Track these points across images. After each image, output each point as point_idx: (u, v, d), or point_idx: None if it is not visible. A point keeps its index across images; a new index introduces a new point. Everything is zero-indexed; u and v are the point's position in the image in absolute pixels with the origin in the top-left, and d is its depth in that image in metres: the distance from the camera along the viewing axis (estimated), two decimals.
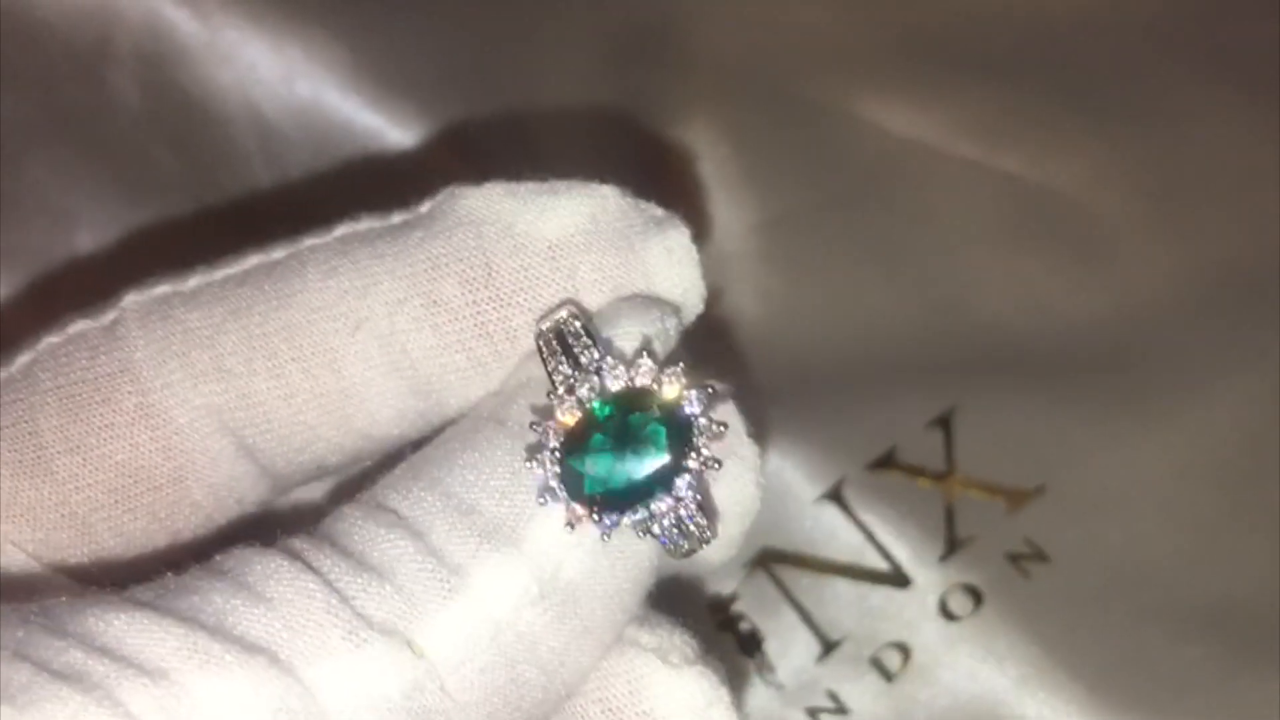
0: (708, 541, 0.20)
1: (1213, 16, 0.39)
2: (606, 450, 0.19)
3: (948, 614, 0.31)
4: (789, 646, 0.31)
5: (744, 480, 0.22)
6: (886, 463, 0.33)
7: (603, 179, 0.23)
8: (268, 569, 0.19)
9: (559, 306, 0.21)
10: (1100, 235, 0.37)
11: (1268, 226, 0.37)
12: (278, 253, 0.23)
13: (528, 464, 0.20)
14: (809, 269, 0.37)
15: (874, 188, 0.39)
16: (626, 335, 0.21)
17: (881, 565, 0.32)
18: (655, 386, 0.20)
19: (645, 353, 0.20)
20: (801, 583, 0.32)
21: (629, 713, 0.20)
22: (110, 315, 0.22)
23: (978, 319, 0.36)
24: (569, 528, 0.19)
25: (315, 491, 0.25)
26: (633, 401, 0.20)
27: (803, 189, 0.39)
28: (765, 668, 0.31)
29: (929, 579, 0.32)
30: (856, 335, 0.36)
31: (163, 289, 0.22)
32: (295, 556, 0.19)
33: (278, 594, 0.18)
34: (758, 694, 0.31)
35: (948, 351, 0.35)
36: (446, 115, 0.38)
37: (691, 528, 0.20)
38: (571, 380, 0.20)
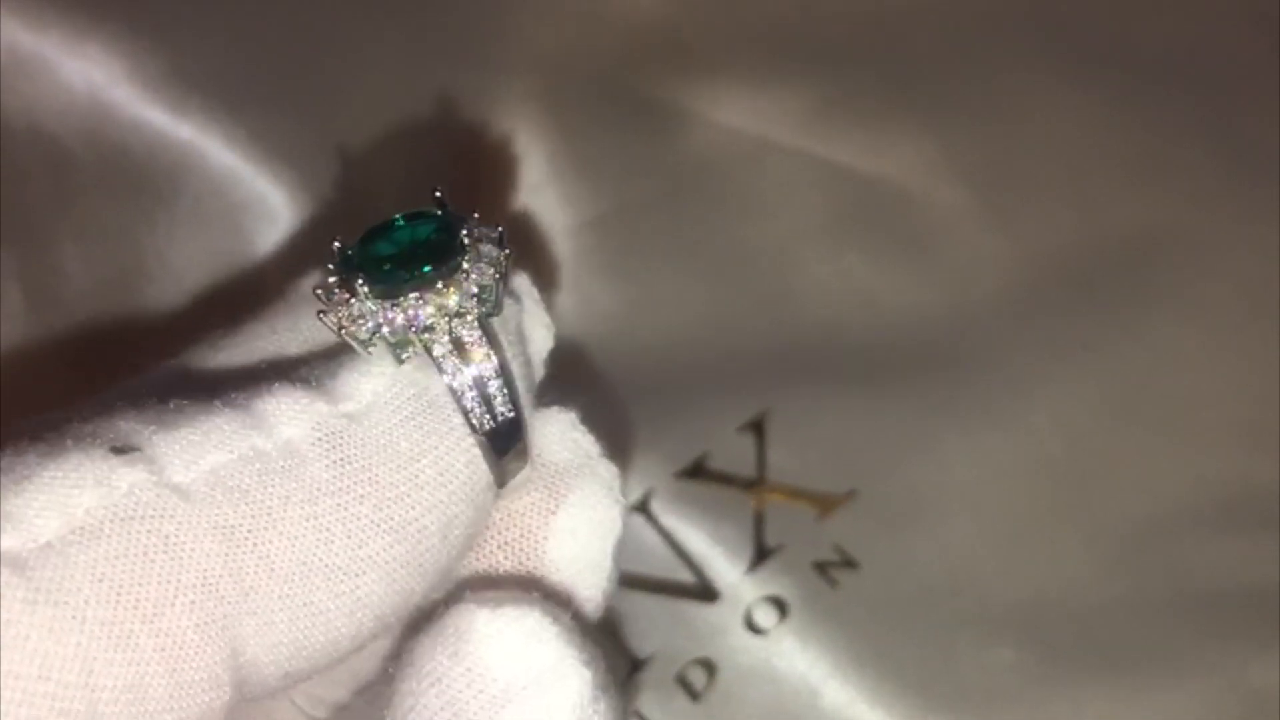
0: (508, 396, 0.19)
1: (1044, 5, 0.38)
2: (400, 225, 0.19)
3: (753, 627, 0.30)
4: None
5: (600, 499, 0.21)
6: (696, 472, 0.32)
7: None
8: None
9: None
10: (929, 228, 0.37)
11: (1097, 217, 0.36)
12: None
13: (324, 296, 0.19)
14: (631, 269, 0.36)
15: (701, 182, 0.38)
16: None
17: (689, 579, 0.31)
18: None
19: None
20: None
21: (454, 674, 0.18)
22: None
23: (801, 317, 0.35)
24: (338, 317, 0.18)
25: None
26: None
27: (628, 185, 0.38)
28: None
29: (735, 591, 0.31)
30: (677, 337, 0.35)
31: None
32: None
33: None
34: None
35: (768, 351, 0.35)
36: (253, 120, 0.37)
37: (476, 353, 0.19)
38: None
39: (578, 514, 0.20)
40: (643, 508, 0.32)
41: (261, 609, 0.17)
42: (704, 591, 0.31)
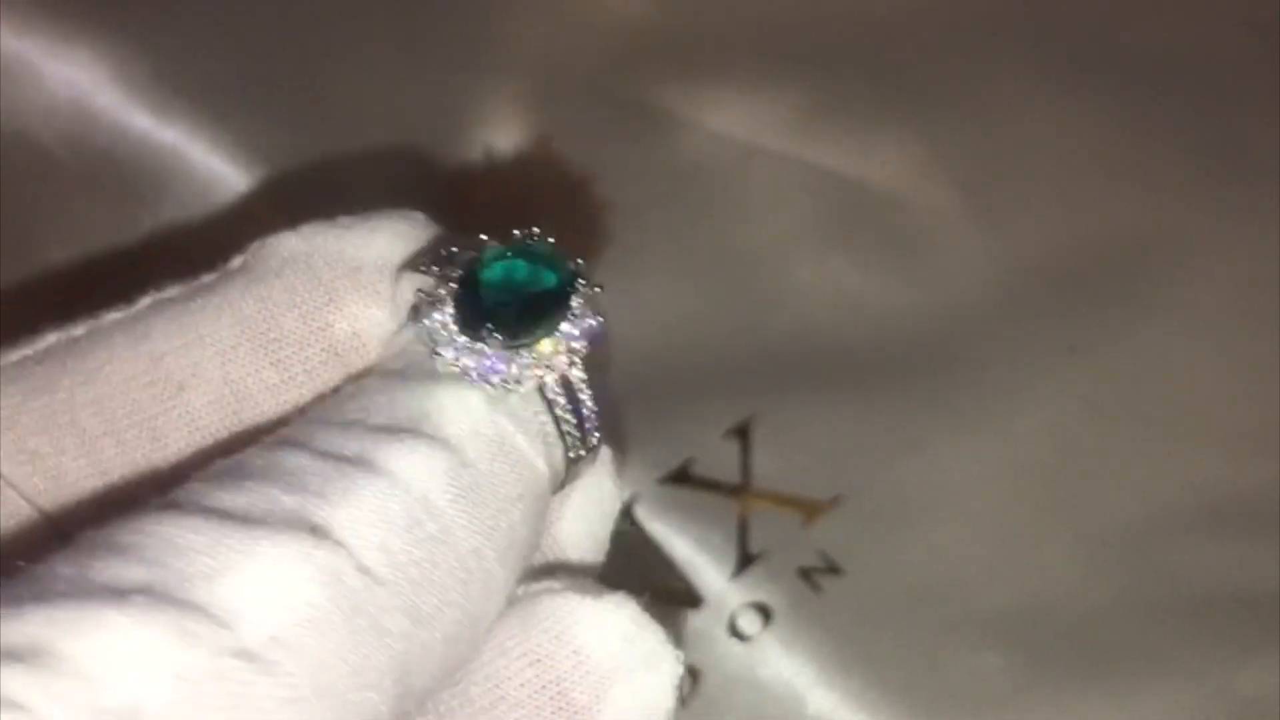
0: (593, 422, 0.20)
1: (1029, 7, 0.38)
2: (505, 260, 0.19)
3: (737, 634, 0.30)
4: None
5: (603, 479, 0.22)
6: (681, 477, 0.32)
7: (410, 205, 0.23)
8: (127, 524, 0.17)
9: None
10: (917, 231, 0.36)
11: (1085, 220, 0.36)
12: (78, 329, 0.22)
13: (416, 322, 0.19)
14: (618, 274, 0.36)
15: (689, 186, 0.38)
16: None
17: (674, 584, 0.31)
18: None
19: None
20: None
21: (559, 656, 0.19)
22: None
23: (788, 321, 0.35)
24: (466, 376, 0.19)
25: None
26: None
27: (617, 189, 0.38)
28: None
29: (719, 598, 0.31)
30: (662, 341, 0.35)
31: None
32: (155, 507, 0.17)
33: (148, 536, 0.17)
34: None
35: (754, 356, 0.34)
36: (239, 125, 0.36)
37: (583, 397, 0.20)
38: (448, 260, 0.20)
39: (586, 495, 0.21)
40: (626, 513, 0.31)
41: (432, 675, 0.18)
42: (688, 597, 0.31)
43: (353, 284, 0.21)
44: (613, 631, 0.19)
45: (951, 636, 0.30)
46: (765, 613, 0.30)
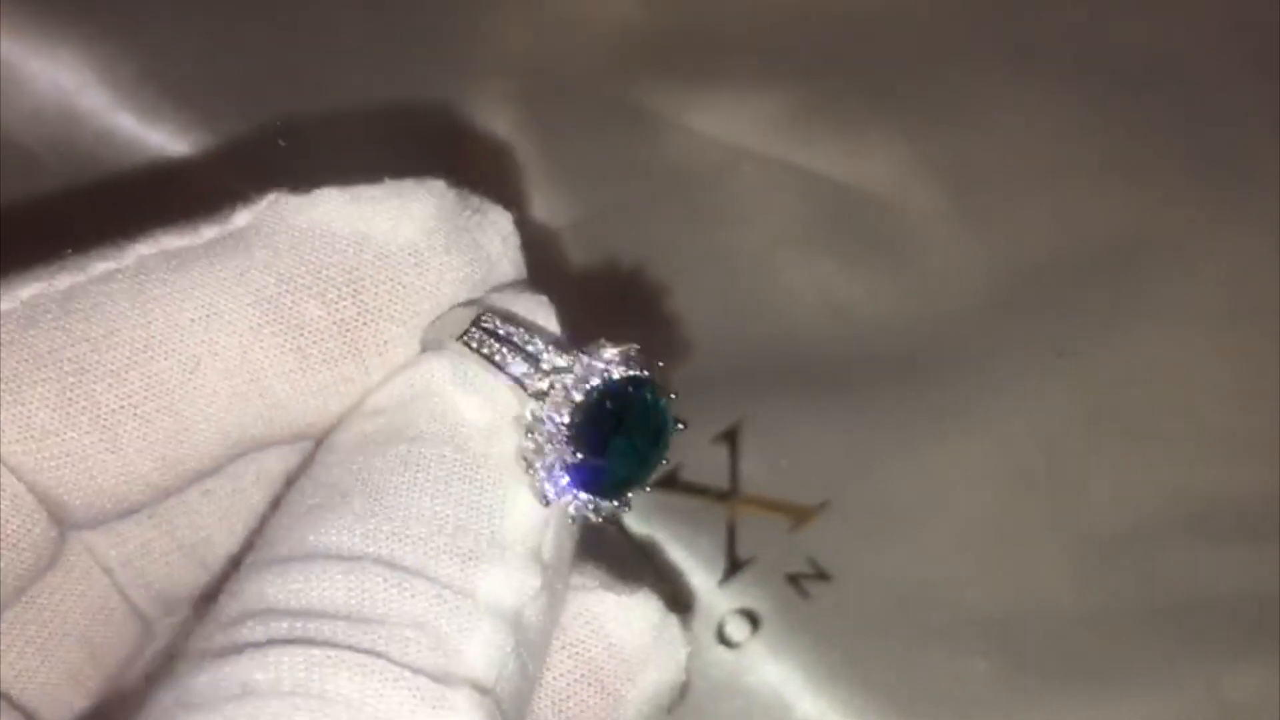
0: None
1: (1016, 9, 0.38)
2: (632, 440, 0.20)
3: (725, 640, 0.30)
4: None
5: None
6: (669, 483, 0.32)
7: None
8: (303, 664, 0.17)
9: (462, 307, 0.20)
10: (904, 234, 0.36)
11: (1072, 223, 0.36)
12: (61, 281, 0.20)
13: (529, 471, 0.19)
14: (605, 275, 0.36)
15: (677, 188, 0.37)
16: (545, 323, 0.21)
17: (661, 590, 0.31)
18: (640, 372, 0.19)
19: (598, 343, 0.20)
20: None
21: (595, 648, 0.20)
22: None
23: (775, 325, 0.35)
24: (580, 517, 0.20)
25: None
26: (633, 384, 0.19)
27: (604, 191, 0.37)
28: None
29: (708, 603, 0.31)
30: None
31: None
32: (315, 641, 0.18)
33: (342, 688, 0.17)
34: None
35: (742, 360, 0.34)
36: (225, 126, 0.36)
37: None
38: (536, 374, 0.19)
39: None
40: (614, 519, 0.31)
41: None
42: (675, 604, 0.31)
43: (379, 274, 0.20)
44: (643, 624, 0.21)
45: (939, 642, 0.30)
46: (753, 619, 0.30)
